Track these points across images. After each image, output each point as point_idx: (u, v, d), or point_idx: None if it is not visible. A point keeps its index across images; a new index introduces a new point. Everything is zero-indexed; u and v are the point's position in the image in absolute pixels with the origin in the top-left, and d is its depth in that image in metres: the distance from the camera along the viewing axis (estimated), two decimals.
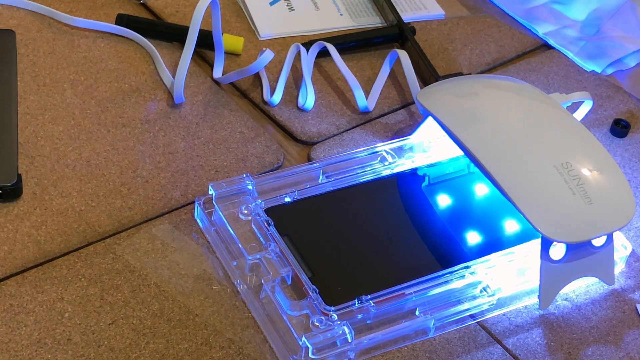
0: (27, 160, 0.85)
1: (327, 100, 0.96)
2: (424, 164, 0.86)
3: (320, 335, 0.71)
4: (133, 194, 0.84)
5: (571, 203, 0.75)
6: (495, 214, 0.83)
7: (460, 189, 0.86)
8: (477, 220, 0.83)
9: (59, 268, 0.77)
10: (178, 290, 0.77)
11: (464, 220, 0.83)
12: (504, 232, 0.82)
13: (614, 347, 0.78)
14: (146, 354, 0.72)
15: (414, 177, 0.86)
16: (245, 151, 0.89)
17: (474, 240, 0.81)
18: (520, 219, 0.80)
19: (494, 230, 0.82)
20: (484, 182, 0.85)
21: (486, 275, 0.78)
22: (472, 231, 0.82)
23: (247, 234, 0.78)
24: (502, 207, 0.82)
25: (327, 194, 0.83)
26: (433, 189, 0.86)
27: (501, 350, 0.76)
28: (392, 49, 0.98)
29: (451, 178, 0.86)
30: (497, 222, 0.83)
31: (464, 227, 0.82)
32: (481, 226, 0.83)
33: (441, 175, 0.86)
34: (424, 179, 0.86)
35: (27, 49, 0.96)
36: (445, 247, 0.81)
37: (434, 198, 0.85)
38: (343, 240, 0.80)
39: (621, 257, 0.82)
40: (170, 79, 0.94)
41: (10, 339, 0.72)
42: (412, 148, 0.87)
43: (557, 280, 0.76)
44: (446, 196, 0.85)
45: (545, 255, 0.75)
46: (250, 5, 1.05)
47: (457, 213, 0.84)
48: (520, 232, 0.81)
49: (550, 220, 0.74)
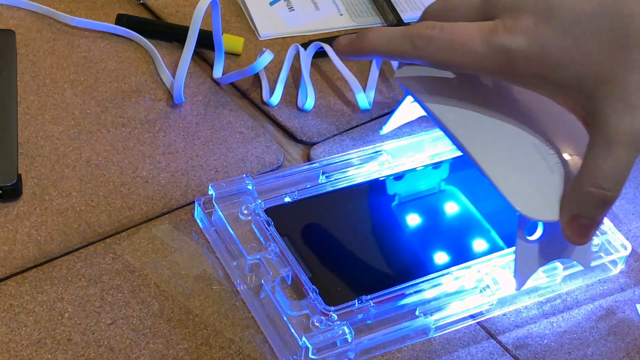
0: (27, 160, 0.85)
1: (327, 100, 0.96)
2: (424, 164, 0.87)
3: (320, 336, 0.71)
4: (133, 194, 0.84)
5: (549, 182, 0.73)
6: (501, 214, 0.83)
7: (469, 187, 0.86)
8: (480, 223, 0.83)
9: (59, 268, 0.77)
10: (178, 290, 0.77)
11: (464, 220, 0.83)
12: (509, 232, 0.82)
13: (614, 347, 0.78)
14: (146, 354, 0.72)
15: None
16: (245, 151, 0.89)
17: (478, 243, 0.81)
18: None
19: (499, 230, 0.82)
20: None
21: (486, 275, 0.78)
22: (478, 238, 0.82)
23: (247, 234, 0.78)
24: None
25: (327, 194, 0.83)
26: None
27: (501, 350, 0.76)
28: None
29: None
30: (504, 223, 0.83)
31: (465, 227, 0.82)
32: (483, 230, 0.83)
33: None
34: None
35: (27, 49, 0.96)
36: (445, 247, 0.81)
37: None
38: (343, 240, 0.80)
39: (621, 257, 0.82)
40: (170, 79, 0.94)
41: (10, 339, 0.72)
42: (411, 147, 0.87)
43: (532, 261, 0.74)
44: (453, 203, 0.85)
45: (521, 234, 0.73)
46: (250, 5, 1.05)
47: (457, 213, 0.84)
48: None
49: (526, 198, 0.72)
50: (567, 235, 0.69)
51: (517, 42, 0.66)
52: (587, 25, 0.64)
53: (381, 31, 0.71)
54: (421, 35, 0.69)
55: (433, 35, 0.68)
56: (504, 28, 0.66)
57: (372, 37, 0.71)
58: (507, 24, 0.66)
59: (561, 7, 0.65)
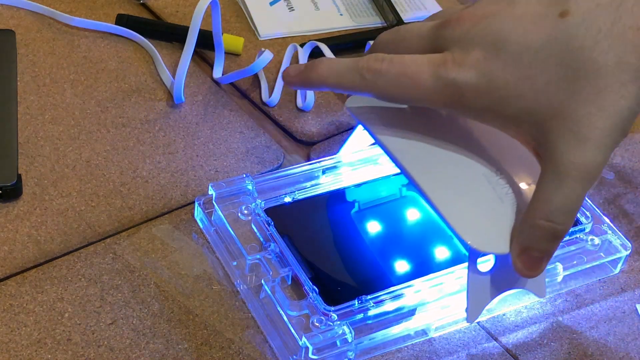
0: (27, 160, 0.85)
1: (327, 100, 0.96)
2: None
3: (320, 335, 0.71)
4: (133, 194, 0.84)
5: (499, 212, 0.71)
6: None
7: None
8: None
9: (59, 268, 0.77)
10: (178, 290, 0.77)
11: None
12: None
13: (614, 347, 0.78)
14: (146, 354, 0.72)
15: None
16: (245, 151, 0.89)
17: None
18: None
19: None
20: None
21: None
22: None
23: (247, 234, 0.78)
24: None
25: (327, 194, 0.83)
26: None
27: (501, 349, 0.76)
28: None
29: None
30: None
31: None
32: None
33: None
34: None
35: (27, 49, 0.96)
36: (447, 246, 0.81)
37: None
38: (343, 240, 0.80)
39: (621, 257, 0.82)
40: (170, 79, 0.94)
41: (10, 339, 0.72)
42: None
43: (485, 293, 0.73)
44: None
45: (473, 267, 0.71)
46: (250, 5, 1.05)
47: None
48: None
49: (476, 230, 0.71)
50: (518, 267, 0.68)
51: (466, 76, 0.65)
52: (536, 58, 0.64)
53: (331, 63, 0.70)
54: (370, 68, 0.68)
55: (382, 68, 0.67)
56: (453, 61, 0.65)
57: (321, 69, 0.70)
58: (456, 57, 0.65)
59: (511, 40, 0.64)
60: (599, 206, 0.88)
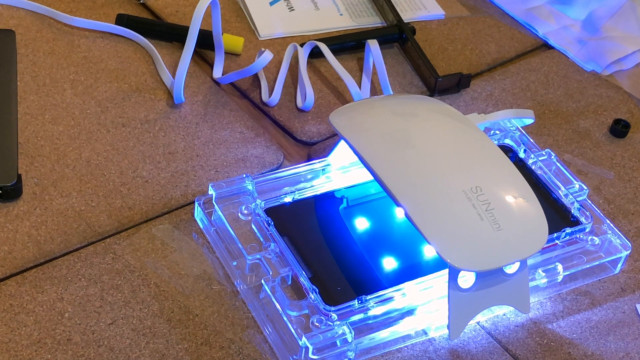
0: (27, 160, 0.85)
1: (327, 100, 0.96)
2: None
3: (320, 335, 0.71)
4: (133, 194, 0.84)
5: (479, 229, 0.71)
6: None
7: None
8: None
9: (59, 268, 0.77)
10: (178, 290, 0.77)
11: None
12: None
13: (614, 347, 0.78)
14: (146, 354, 0.72)
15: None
16: (245, 151, 0.89)
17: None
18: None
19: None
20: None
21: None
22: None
23: (247, 234, 0.78)
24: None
25: (327, 194, 0.83)
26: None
27: (501, 350, 0.76)
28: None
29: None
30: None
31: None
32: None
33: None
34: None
35: (27, 49, 0.96)
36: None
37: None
38: (343, 240, 0.80)
39: (621, 257, 0.82)
40: (170, 79, 0.94)
41: (10, 339, 0.72)
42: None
43: (467, 310, 0.73)
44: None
45: (454, 284, 0.71)
46: (250, 5, 1.05)
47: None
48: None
49: (456, 248, 0.71)
50: None
51: None
52: None
53: None
54: None
55: None
56: None
57: None
58: None
59: None
60: (599, 206, 0.88)
